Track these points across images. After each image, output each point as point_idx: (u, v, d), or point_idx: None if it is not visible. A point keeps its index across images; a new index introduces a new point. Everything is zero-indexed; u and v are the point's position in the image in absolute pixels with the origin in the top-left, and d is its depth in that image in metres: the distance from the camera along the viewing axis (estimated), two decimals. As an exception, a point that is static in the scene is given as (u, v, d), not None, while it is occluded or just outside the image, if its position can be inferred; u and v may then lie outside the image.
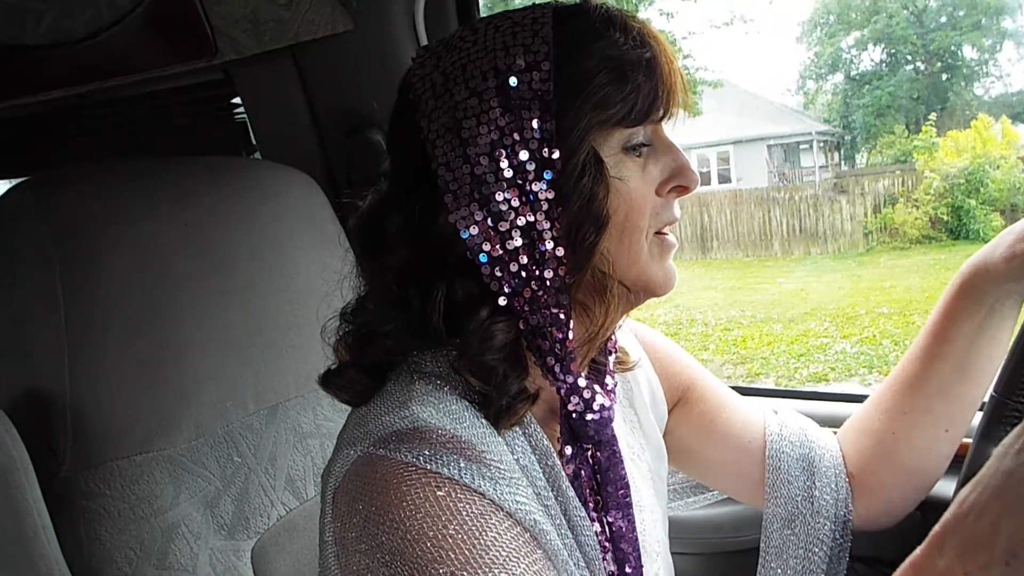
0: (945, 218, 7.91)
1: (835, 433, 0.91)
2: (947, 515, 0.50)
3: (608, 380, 0.72)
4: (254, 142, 1.43)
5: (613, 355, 0.75)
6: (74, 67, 1.38)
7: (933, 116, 9.33)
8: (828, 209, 8.30)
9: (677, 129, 0.69)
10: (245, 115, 1.43)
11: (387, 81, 1.28)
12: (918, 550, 0.51)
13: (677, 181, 0.66)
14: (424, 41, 1.28)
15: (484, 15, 1.32)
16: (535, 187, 0.60)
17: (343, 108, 1.31)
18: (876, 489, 0.86)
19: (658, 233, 0.66)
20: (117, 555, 0.83)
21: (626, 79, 0.61)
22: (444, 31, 1.30)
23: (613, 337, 0.75)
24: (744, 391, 1.02)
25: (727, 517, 1.12)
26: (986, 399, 0.83)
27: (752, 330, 6.21)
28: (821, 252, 8.22)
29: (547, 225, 0.61)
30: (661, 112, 0.64)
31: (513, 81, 0.60)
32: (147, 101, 1.59)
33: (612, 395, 0.71)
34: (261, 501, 0.95)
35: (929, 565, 0.49)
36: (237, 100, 1.56)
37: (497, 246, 0.61)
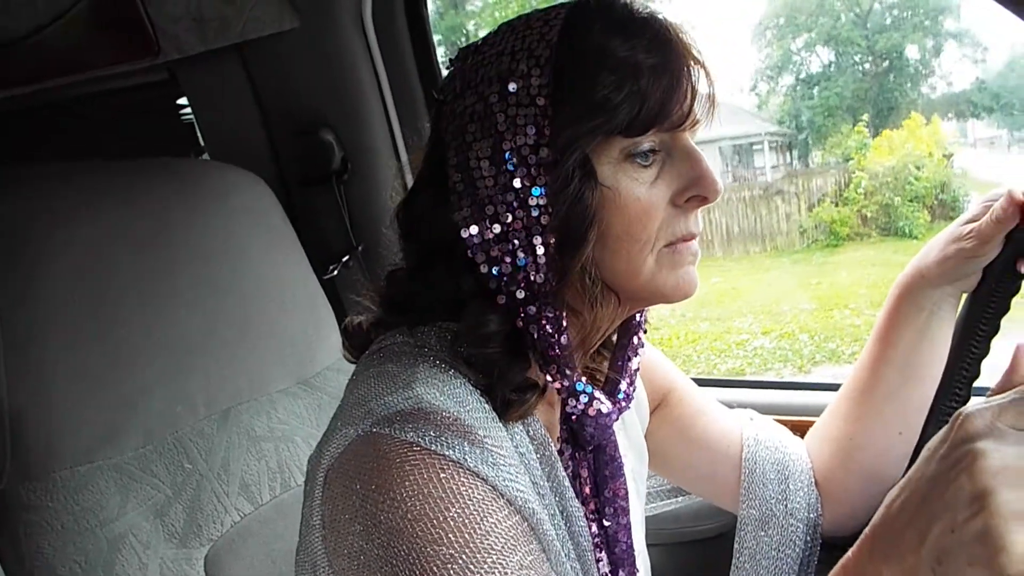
0: (872, 216, 8.16)
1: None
2: (876, 518, 0.50)
3: (623, 385, 0.71)
4: (202, 143, 1.41)
5: (635, 359, 0.73)
6: (14, 68, 1.33)
7: (866, 117, 9.58)
8: (765, 209, 8.50)
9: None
10: (192, 116, 1.40)
11: (336, 80, 1.27)
12: (849, 552, 0.51)
13: (694, 191, 0.62)
14: (373, 41, 1.27)
15: (432, 15, 1.32)
16: (528, 193, 0.60)
17: (292, 108, 1.29)
18: (840, 495, 0.87)
19: (670, 245, 0.63)
20: (61, 569, 0.80)
21: (625, 86, 0.59)
22: (392, 30, 1.29)
23: (635, 340, 0.73)
24: (702, 382, 1.03)
25: (686, 509, 1.13)
26: None
27: (679, 328, 6.33)
28: (759, 251, 8.41)
29: (539, 231, 0.60)
30: (672, 121, 0.61)
31: (512, 86, 0.60)
32: (92, 102, 1.55)
33: (624, 400, 0.71)
34: (214, 507, 0.93)
35: (859, 568, 0.49)
36: (183, 100, 1.53)
37: (493, 248, 0.61)
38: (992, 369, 0.80)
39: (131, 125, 1.61)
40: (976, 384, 0.80)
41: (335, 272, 1.28)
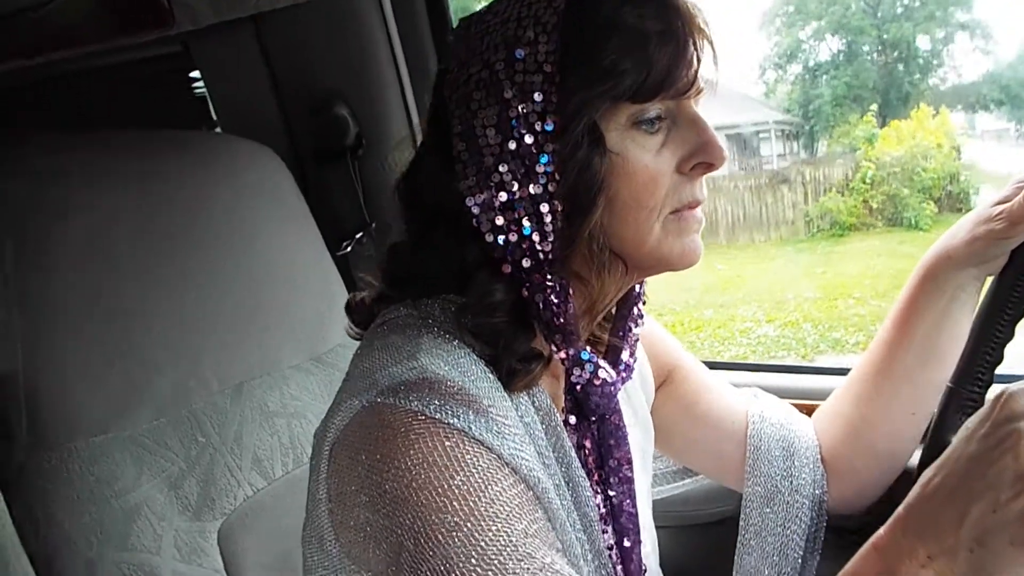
0: (878, 206, 8.14)
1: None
2: (911, 497, 0.50)
3: (624, 355, 0.72)
4: (214, 117, 1.40)
5: (636, 329, 0.74)
6: (23, 40, 1.32)
7: (874, 107, 9.54)
8: (771, 197, 8.50)
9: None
10: (205, 89, 1.39)
11: (351, 54, 1.26)
12: (881, 530, 0.51)
13: (700, 158, 0.63)
14: (389, 14, 1.26)
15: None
16: (535, 160, 0.60)
17: (307, 81, 1.28)
18: (848, 473, 0.87)
19: (675, 212, 0.64)
20: (77, 538, 0.80)
21: (633, 51, 0.59)
22: (410, 6, 1.27)
23: (635, 311, 0.74)
24: (710, 365, 1.03)
25: (697, 491, 1.13)
26: None
27: (684, 316, 6.34)
28: (764, 239, 8.41)
29: (546, 198, 0.60)
30: (678, 88, 0.61)
31: (519, 53, 0.60)
32: (102, 75, 1.54)
33: (625, 371, 0.71)
34: (227, 481, 0.93)
35: (893, 546, 0.49)
36: (195, 74, 1.52)
37: (499, 217, 0.61)
38: (1016, 355, 0.80)
39: (142, 99, 1.60)
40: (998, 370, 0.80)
41: (348, 249, 1.28)
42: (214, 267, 1.01)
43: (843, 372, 0.91)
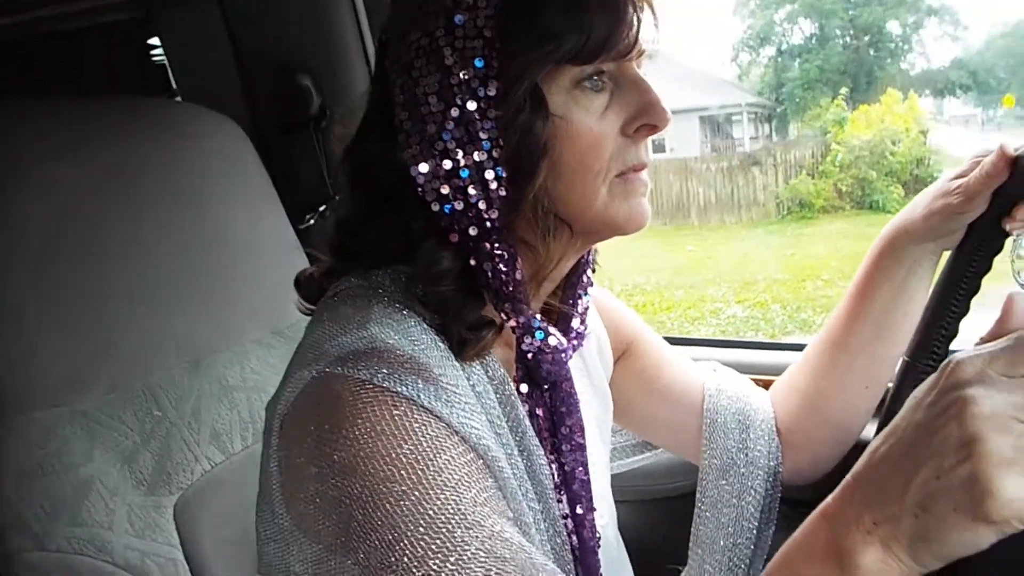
0: (847, 189, 8.28)
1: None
2: (858, 466, 0.50)
3: (575, 323, 0.72)
4: (174, 86, 1.36)
5: (585, 297, 0.74)
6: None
7: (845, 90, 9.64)
8: (742, 179, 8.61)
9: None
10: (164, 57, 1.35)
11: (316, 23, 1.23)
12: (829, 498, 0.51)
13: (644, 119, 0.62)
14: (355, -18, 1.23)
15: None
16: (478, 126, 0.59)
17: (270, 51, 1.25)
18: (803, 444, 0.88)
19: (621, 175, 0.63)
20: (26, 513, 0.78)
21: (573, 14, 0.58)
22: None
23: (584, 278, 0.74)
24: (675, 341, 1.03)
25: (659, 465, 1.14)
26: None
27: (654, 296, 6.42)
28: (736, 221, 8.52)
29: (490, 165, 0.60)
30: (619, 50, 0.60)
31: (459, 19, 0.59)
32: (61, 40, 1.49)
33: (576, 338, 0.71)
34: (184, 456, 0.91)
35: (840, 514, 0.49)
36: (153, 41, 1.47)
37: (444, 186, 0.60)
38: (970, 330, 0.81)
39: (100, 65, 1.55)
40: (953, 344, 0.81)
41: (312, 222, 1.26)
42: (175, 238, 0.99)
43: (803, 348, 0.92)
